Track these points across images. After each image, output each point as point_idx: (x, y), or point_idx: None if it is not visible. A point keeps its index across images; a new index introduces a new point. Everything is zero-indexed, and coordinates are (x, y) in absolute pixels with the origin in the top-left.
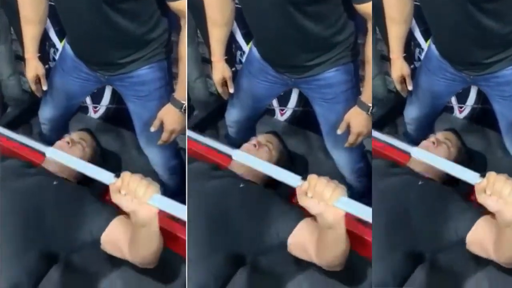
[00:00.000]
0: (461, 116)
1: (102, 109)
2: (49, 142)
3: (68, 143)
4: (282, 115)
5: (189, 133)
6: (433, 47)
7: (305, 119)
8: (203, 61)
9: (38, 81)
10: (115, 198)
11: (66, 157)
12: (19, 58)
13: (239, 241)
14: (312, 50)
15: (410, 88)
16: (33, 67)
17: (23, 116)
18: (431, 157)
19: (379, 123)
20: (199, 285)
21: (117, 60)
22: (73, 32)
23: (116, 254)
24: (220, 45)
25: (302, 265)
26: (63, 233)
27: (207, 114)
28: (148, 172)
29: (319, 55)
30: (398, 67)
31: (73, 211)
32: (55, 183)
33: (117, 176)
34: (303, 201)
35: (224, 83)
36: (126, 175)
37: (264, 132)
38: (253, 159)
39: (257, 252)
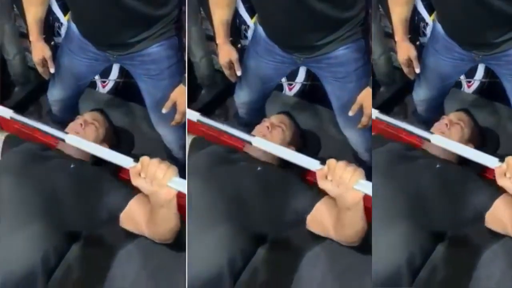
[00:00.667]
0: (469, 91)
1: (110, 83)
2: (60, 122)
3: (81, 124)
4: (291, 90)
5: (203, 119)
6: (438, 26)
7: (314, 93)
8: (207, 39)
9: (45, 63)
10: (135, 181)
11: (85, 143)
12: (23, 36)
13: (261, 222)
14: (321, 29)
15: (417, 70)
16: (39, 50)
17: (32, 95)
18: (450, 143)
19: (388, 104)
20: (228, 262)
21: (125, 39)
22: (78, 11)
23: (134, 231)
24: (225, 26)
25: (319, 237)
26: (83, 213)
27: (215, 94)
28: (160, 146)
29: (329, 34)
30: (404, 50)
31: (91, 191)
32: (72, 166)
33: (136, 160)
34: (322, 184)
35: (231, 66)
36: (145, 159)
37: (273, 109)
38: (272, 145)
39: (277, 230)
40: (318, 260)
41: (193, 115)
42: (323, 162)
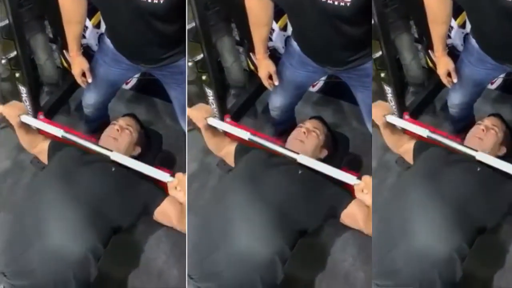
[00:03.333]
0: (493, 87)
1: (134, 80)
2: (92, 122)
3: (118, 130)
4: (314, 87)
5: (254, 138)
6: (472, 41)
7: (336, 89)
8: (237, 44)
9: (83, 74)
10: (172, 192)
11: (127, 160)
12: (51, 41)
13: (302, 217)
14: (352, 49)
15: (455, 80)
16: (78, 64)
17: (62, 97)
18: (495, 161)
19: (418, 107)
20: (279, 252)
21: (156, 56)
22: (113, 29)
23: (166, 224)
24: (264, 43)
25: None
26: (123, 208)
27: (247, 98)
28: (183, 139)
29: (358, 52)
30: (444, 64)
31: (129, 189)
32: (113, 169)
33: (172, 175)
34: (360, 196)
35: (270, 77)
36: (180, 175)
37: (299, 105)
38: (316, 163)
39: (315, 223)
40: (347, 245)
41: (244, 135)
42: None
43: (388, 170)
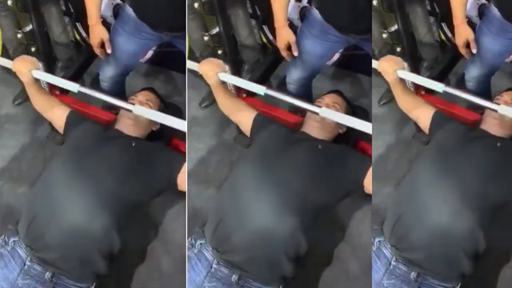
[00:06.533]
0: (509, 60)
1: (150, 53)
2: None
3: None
4: (330, 60)
5: (269, 92)
6: (494, 9)
7: (352, 62)
8: (251, 17)
9: (102, 45)
10: None
11: (151, 112)
12: (66, 14)
13: (324, 192)
14: None
15: (474, 51)
16: (97, 33)
17: (77, 72)
18: None
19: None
20: (301, 225)
21: (181, 24)
22: (140, 0)
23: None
24: (283, 11)
25: (368, 198)
26: (145, 183)
27: (261, 73)
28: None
29: None
30: (463, 33)
31: (152, 164)
32: (133, 144)
33: None
34: None
35: (288, 47)
36: None
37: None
38: (336, 114)
39: (337, 198)
40: (365, 217)
41: (259, 90)
42: None
43: (407, 145)
